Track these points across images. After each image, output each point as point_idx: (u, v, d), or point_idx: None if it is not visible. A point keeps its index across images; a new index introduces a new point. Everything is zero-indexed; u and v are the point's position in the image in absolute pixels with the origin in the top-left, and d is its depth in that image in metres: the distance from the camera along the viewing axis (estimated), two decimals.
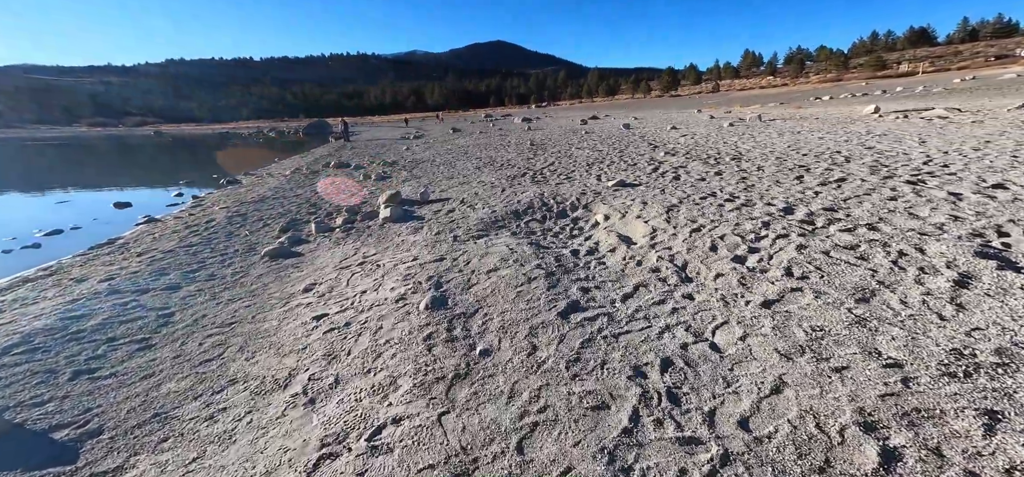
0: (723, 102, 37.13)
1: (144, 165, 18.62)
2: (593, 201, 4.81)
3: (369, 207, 6.10)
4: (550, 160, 8.10)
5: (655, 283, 2.72)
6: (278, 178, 9.75)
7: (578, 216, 4.53)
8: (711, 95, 62.47)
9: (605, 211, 4.39)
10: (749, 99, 37.40)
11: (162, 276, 3.80)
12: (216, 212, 6.28)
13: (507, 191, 5.83)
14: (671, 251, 3.15)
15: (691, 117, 17.84)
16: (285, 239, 4.78)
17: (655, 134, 10.74)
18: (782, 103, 25.33)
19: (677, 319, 2.27)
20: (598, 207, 4.59)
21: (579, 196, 5.07)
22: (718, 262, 2.83)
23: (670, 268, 2.87)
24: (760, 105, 25.68)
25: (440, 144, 15.05)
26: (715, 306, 2.34)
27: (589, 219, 4.42)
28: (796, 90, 47.65)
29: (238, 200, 7.08)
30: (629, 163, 6.76)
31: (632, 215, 4.10)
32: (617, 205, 4.47)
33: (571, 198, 5.03)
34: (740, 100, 37.15)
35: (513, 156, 9.30)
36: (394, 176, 8.47)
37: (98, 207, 7.10)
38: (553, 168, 7.21)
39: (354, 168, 10.23)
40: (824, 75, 72.21)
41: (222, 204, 6.82)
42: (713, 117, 15.33)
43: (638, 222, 3.87)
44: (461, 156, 10.47)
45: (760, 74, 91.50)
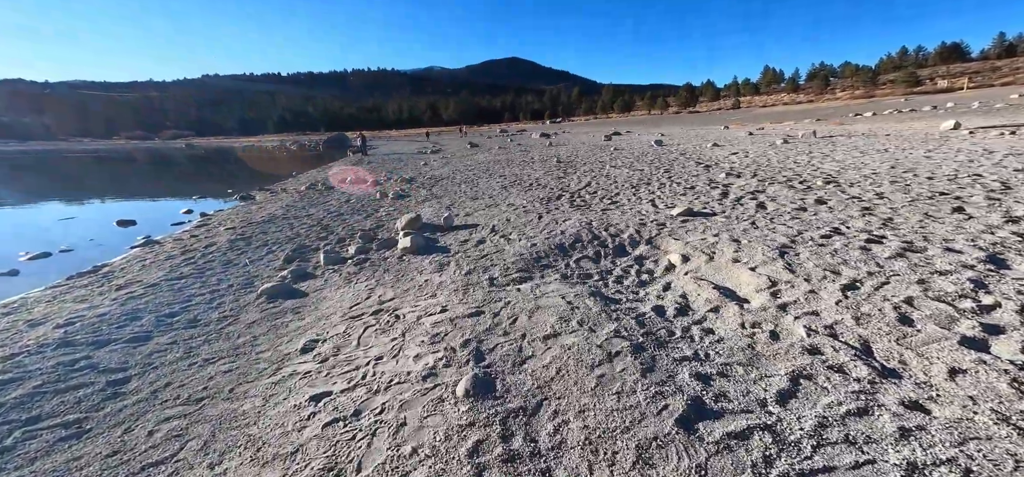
0: (749, 119, 35.82)
1: (164, 177, 18.76)
2: (658, 235, 3.92)
3: (386, 232, 5.38)
4: (585, 180, 7.27)
5: (826, 374, 1.79)
6: (292, 194, 9.25)
7: (643, 255, 3.64)
8: (733, 111, 61.01)
9: (680, 250, 3.49)
10: (778, 115, 35.95)
11: (133, 321, 3.10)
12: (220, 234, 5.67)
13: (545, 218, 5.01)
14: (819, 318, 2.22)
15: (725, 134, 16.81)
16: (288, 272, 4.06)
17: (697, 151, 9.81)
18: (818, 119, 23.96)
19: (918, 454, 1.34)
20: (668, 243, 3.70)
21: (638, 227, 4.20)
22: (934, 346, 1.88)
23: (842, 349, 1.94)
24: (793, 121, 24.38)
25: (459, 160, 14.48)
26: (999, 438, 1.38)
27: (658, 259, 3.53)
28: (826, 106, 45.82)
29: (246, 220, 6.50)
30: (685, 185, 5.86)
31: (724, 257, 3.19)
32: (694, 241, 3.57)
33: (628, 230, 4.16)
34: (768, 116, 35.76)
35: (541, 175, 8.53)
36: (413, 195, 7.80)
37: (101, 225, 6.65)
38: (592, 190, 6.37)
39: (371, 183, 9.66)
40: (852, 91, 69.85)
41: (229, 224, 6.24)
42: (752, 133, 14.27)
43: (738, 269, 2.95)
44: (483, 174, 9.77)
45: (781, 90, 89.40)
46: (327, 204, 7.60)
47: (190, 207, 7.82)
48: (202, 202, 9.50)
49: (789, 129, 16.38)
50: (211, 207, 8.76)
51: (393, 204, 7.03)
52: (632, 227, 4.24)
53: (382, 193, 7.90)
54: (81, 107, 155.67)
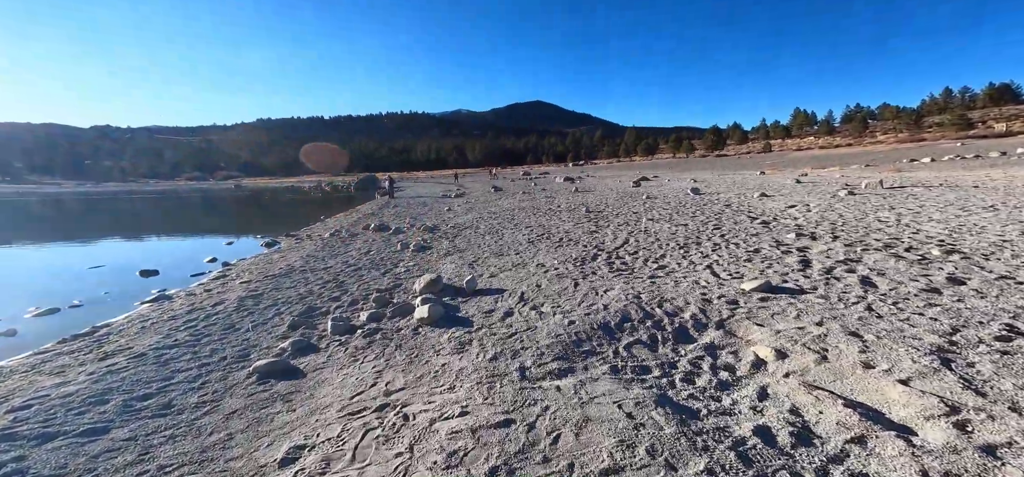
0: (785, 163, 34.36)
1: (204, 219, 19.84)
2: (732, 317, 3.14)
3: (403, 293, 4.87)
4: (621, 236, 6.60)
5: None
6: (316, 241, 9.15)
7: (715, 343, 2.86)
8: (764, 155, 59.31)
9: (770, 341, 2.69)
10: (818, 160, 34.27)
11: (98, 405, 2.64)
12: (233, 289, 5.38)
13: (582, 285, 4.33)
14: None
15: (766, 180, 15.81)
16: (290, 344, 3.56)
17: (745, 202, 8.94)
18: (867, 165, 22.40)
19: None
20: (749, 330, 2.91)
21: (701, 305, 3.43)
22: None
23: None
24: (839, 167, 22.92)
25: (482, 205, 14.27)
26: None
27: (738, 351, 2.74)
28: (871, 150, 43.48)
29: (263, 272, 6.25)
30: (746, 248, 5.04)
31: (845, 358, 2.36)
32: (788, 330, 2.77)
33: (689, 307, 3.41)
34: (807, 161, 34.16)
35: (570, 226, 7.95)
36: (435, 247, 7.39)
37: (124, 274, 6.62)
38: (631, 249, 5.67)
39: (394, 231, 9.43)
40: (895, 134, 66.55)
41: (245, 277, 5.99)
42: (800, 181, 13.20)
43: (876, 379, 2.12)
44: (508, 223, 9.32)
45: (814, 133, 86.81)
46: (347, 255, 7.32)
47: (215, 256, 7.77)
48: (232, 247, 9.59)
49: (842, 176, 15.16)
50: (239, 252, 8.77)
51: (413, 258, 6.62)
52: (694, 304, 3.48)
53: (403, 244, 7.55)
54: (153, 152, 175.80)
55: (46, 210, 24.45)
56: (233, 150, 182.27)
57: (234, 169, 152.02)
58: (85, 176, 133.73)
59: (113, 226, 16.14)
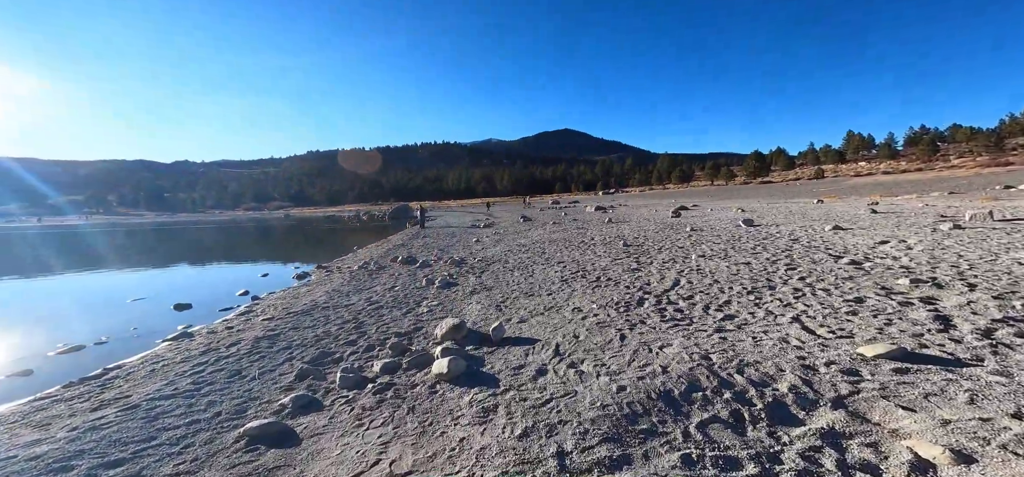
0: (844, 190, 31.31)
1: (251, 248, 21.05)
2: (857, 394, 2.28)
3: (423, 338, 4.37)
4: (670, 275, 5.76)
5: None
6: (344, 274, 9.05)
7: (837, 430, 2.02)
8: (817, 182, 54.92)
9: (940, 437, 1.82)
10: (884, 186, 30.90)
11: (61, 472, 2.28)
12: (253, 328, 5.18)
13: (629, 338, 3.60)
14: None
15: (829, 210, 14.13)
16: (291, 399, 3.12)
17: (818, 237, 7.73)
18: (951, 192, 19.63)
19: None
20: (893, 416, 2.05)
21: (802, 373, 2.59)
22: None
23: None
24: (916, 194, 20.30)
25: (512, 237, 13.82)
26: None
27: (881, 446, 1.88)
28: (948, 175, 38.75)
29: (287, 308, 6.07)
30: (844, 296, 4.03)
31: None
32: (968, 423, 1.90)
33: (785, 376, 2.58)
34: (871, 188, 30.91)
35: (608, 263, 7.20)
36: (460, 283, 6.93)
37: (159, 308, 6.73)
38: (685, 292, 4.83)
39: (420, 265, 9.15)
40: (972, 157, 59.32)
41: (269, 313, 5.82)
42: (876, 210, 11.53)
43: None
44: (538, 257, 8.73)
45: (873, 157, 79.67)
46: (372, 289, 7.04)
47: (248, 289, 7.82)
48: (266, 279, 9.75)
49: (927, 205, 13.19)
50: (272, 283, 8.86)
51: (437, 296, 6.17)
52: (790, 371, 2.64)
53: (428, 280, 7.18)
54: (219, 184, 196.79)
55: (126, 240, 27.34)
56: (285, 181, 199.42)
57: (285, 199, 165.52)
58: (164, 207, 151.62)
59: (170, 255, 17.47)
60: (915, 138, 76.93)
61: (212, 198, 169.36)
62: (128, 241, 25.65)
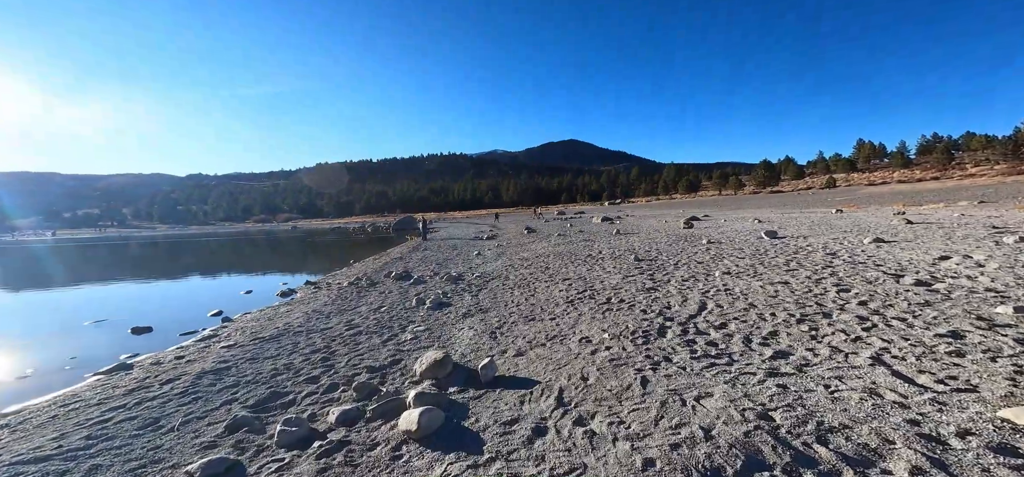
0: (863, 199, 30.09)
1: (249, 260, 20.62)
2: None
3: (399, 375, 3.64)
4: (694, 296, 4.96)
5: None
6: (333, 290, 8.40)
7: None
8: (830, 191, 53.43)
9: None
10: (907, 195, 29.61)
11: None
12: (206, 358, 4.50)
13: (653, 381, 2.83)
14: None
15: (855, 219, 13.17)
16: (199, 469, 2.38)
17: (861, 252, 6.87)
18: (981, 201, 18.46)
19: None
20: None
21: (926, 449, 1.80)
22: None
23: None
24: (944, 203, 19.17)
25: (514, 250, 13.10)
26: None
27: None
28: (970, 184, 37.22)
29: (255, 333, 5.39)
30: (931, 328, 3.20)
31: None
32: None
33: (899, 454, 1.80)
34: (892, 196, 29.66)
35: (618, 279, 6.42)
36: (454, 304, 6.21)
37: (116, 332, 6.05)
38: (715, 319, 4.04)
39: (414, 281, 8.45)
40: (990, 165, 57.34)
41: (230, 340, 5.15)
42: (911, 221, 10.55)
43: None
44: (541, 273, 7.98)
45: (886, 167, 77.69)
46: (356, 310, 6.35)
47: (222, 309, 7.18)
48: (250, 296, 9.14)
49: (963, 215, 12.17)
50: (254, 300, 8.25)
51: (427, 319, 5.44)
52: (903, 443, 1.85)
53: (419, 300, 6.47)
54: (231, 196, 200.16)
55: (128, 253, 27.24)
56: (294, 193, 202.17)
57: (294, 211, 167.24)
58: (177, 220, 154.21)
59: (161, 268, 17.07)
60: (928, 146, 75.07)
61: (223, 210, 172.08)
62: (128, 254, 25.50)
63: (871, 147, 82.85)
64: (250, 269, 16.17)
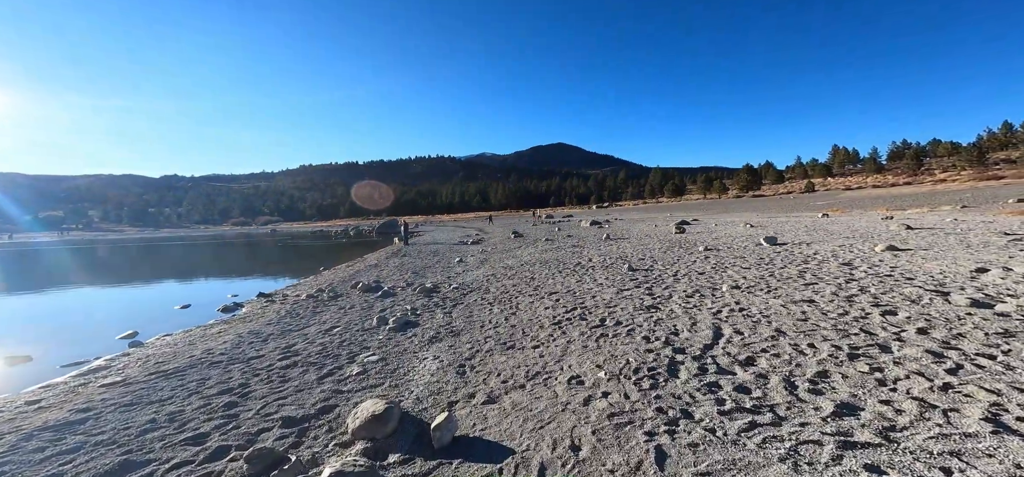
0: (841, 203, 30.44)
1: (210, 266, 19.05)
2: None
3: (326, 433, 2.67)
4: (704, 318, 4.15)
5: None
6: (288, 304, 7.31)
7: None
8: (809, 196, 54.62)
9: None
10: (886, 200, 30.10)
11: None
12: (71, 402, 3.40)
13: (672, 459, 1.96)
14: None
15: (850, 224, 12.80)
16: None
17: (881, 261, 6.24)
18: (963, 206, 18.59)
19: None
20: None
21: None
22: None
23: None
24: (928, 208, 19.26)
25: (499, 256, 12.19)
26: None
27: None
28: (942, 189, 38.36)
29: (158, 364, 4.29)
30: (1000, 358, 2.48)
31: None
32: None
33: None
34: (872, 201, 30.09)
35: (612, 294, 5.59)
36: (423, 323, 5.24)
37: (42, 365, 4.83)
38: (737, 349, 3.22)
39: (383, 294, 7.43)
40: (957, 171, 59.80)
41: (123, 374, 4.05)
42: (911, 227, 10.13)
43: None
44: (526, 285, 7.09)
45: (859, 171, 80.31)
46: (304, 331, 5.31)
47: (136, 330, 5.99)
48: (187, 311, 7.92)
49: (957, 220, 11.91)
50: (187, 317, 7.06)
51: (384, 345, 4.47)
52: None
53: (381, 319, 5.47)
54: (207, 198, 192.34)
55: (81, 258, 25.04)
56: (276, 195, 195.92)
57: (275, 214, 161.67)
58: (148, 223, 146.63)
59: (106, 274, 15.41)
60: (899, 152, 77.88)
61: (199, 213, 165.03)
62: (81, 259, 23.38)
63: (845, 152, 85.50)
64: (206, 275, 14.75)
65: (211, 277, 14.53)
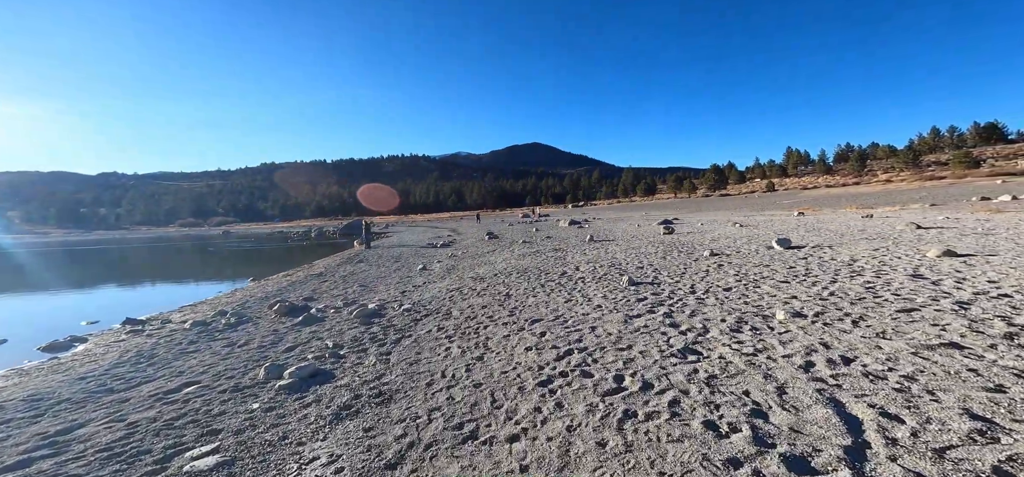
0: (805, 202, 31.22)
1: (123, 274, 15.87)
2: None
3: None
4: (786, 377, 2.68)
5: None
6: (167, 332, 5.20)
7: None
8: (772, 195, 56.89)
9: None
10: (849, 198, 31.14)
11: None
12: None
13: None
14: None
15: (844, 222, 12.16)
16: None
17: (950, 271, 5.12)
18: (934, 204, 18.94)
19: None
20: None
21: None
22: None
23: None
24: (899, 206, 19.51)
25: (468, 262, 10.45)
26: None
27: None
28: (894, 189, 40.69)
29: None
30: None
31: None
32: None
33: None
34: (836, 200, 31.03)
35: (618, 324, 4.05)
36: (339, 375, 3.43)
37: None
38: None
39: (304, 319, 5.48)
40: (898, 173, 64.57)
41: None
42: (920, 226, 9.41)
43: None
44: (499, 306, 5.42)
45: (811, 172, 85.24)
46: (141, 388, 3.34)
47: None
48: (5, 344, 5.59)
49: (949, 218, 11.51)
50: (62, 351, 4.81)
51: (255, 422, 2.64)
52: None
53: (271, 369, 3.59)
54: (152, 198, 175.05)
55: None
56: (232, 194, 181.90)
57: (231, 214, 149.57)
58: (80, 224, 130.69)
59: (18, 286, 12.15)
60: (843, 155, 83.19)
61: (140, 213, 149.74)
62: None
63: (798, 155, 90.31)
64: (91, 287, 11.92)
65: (98, 289, 11.74)
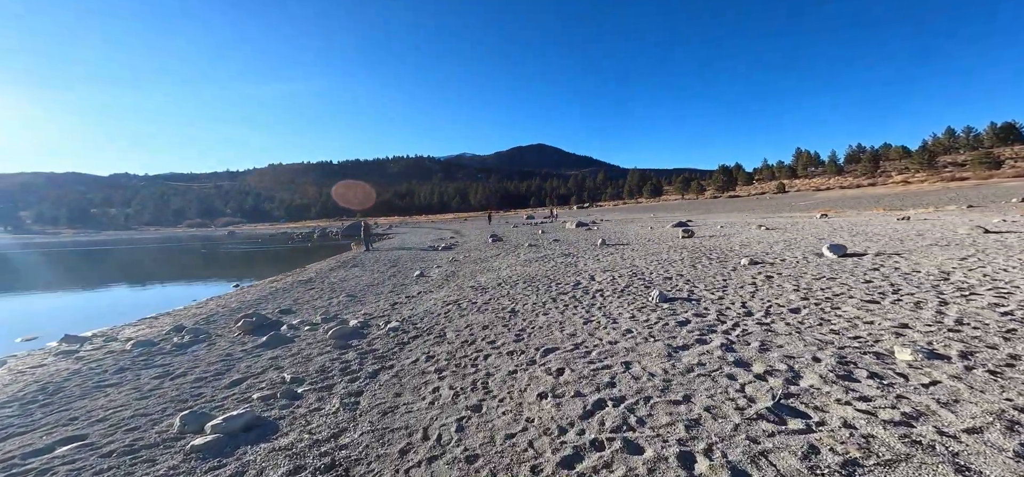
0: (818, 204, 29.86)
1: (114, 275, 15.23)
2: None
3: None
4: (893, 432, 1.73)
5: None
6: (101, 355, 4.37)
7: None
8: (781, 196, 55.27)
9: None
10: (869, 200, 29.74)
11: None
12: None
13: None
14: None
15: (889, 228, 11.05)
16: None
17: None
18: (971, 206, 17.66)
19: None
20: None
21: None
22: None
23: None
24: (933, 207, 18.26)
25: (470, 269, 9.56)
26: None
27: None
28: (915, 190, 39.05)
29: None
30: None
31: None
32: None
33: None
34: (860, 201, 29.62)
35: (660, 361, 3.12)
36: (285, 427, 2.54)
37: None
38: None
39: (271, 338, 4.61)
40: (913, 174, 62.38)
41: None
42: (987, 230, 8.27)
43: None
44: (504, 327, 4.51)
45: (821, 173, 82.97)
46: (40, 440, 2.48)
47: None
48: None
49: (1005, 220, 10.36)
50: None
51: None
52: None
53: (196, 419, 2.72)
54: (161, 198, 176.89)
55: None
56: (239, 196, 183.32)
57: (238, 215, 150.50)
58: (90, 225, 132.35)
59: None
60: (855, 156, 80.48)
61: (149, 214, 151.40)
62: None
63: (808, 155, 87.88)
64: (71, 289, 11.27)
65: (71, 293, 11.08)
